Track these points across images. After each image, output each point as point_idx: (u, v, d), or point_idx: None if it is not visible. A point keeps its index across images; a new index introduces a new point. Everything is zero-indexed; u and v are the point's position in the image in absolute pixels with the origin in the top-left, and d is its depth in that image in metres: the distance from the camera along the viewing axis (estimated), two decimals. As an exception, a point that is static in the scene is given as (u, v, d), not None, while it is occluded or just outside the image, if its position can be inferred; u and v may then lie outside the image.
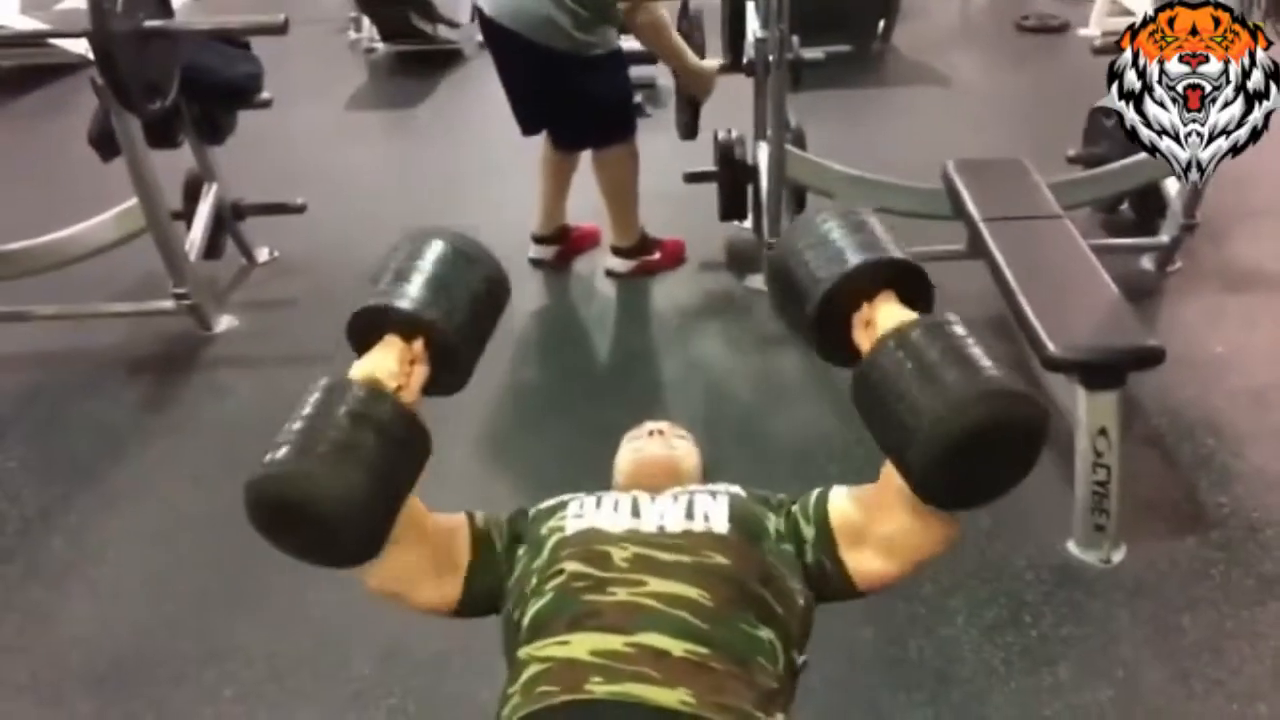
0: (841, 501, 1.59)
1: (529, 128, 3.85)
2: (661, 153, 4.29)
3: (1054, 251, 2.93)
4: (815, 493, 1.64)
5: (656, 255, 4.08)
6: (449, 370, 1.56)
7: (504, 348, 3.51)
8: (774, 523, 1.62)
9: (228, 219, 4.04)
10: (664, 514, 1.58)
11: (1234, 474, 2.82)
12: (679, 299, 3.90)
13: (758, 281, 3.85)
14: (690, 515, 1.58)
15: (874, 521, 1.54)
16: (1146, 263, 3.85)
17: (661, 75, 5.89)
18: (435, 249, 1.57)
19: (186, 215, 3.89)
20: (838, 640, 2.31)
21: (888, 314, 1.49)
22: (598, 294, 4.00)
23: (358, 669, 2.38)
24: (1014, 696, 2.22)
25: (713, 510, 1.59)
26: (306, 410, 1.39)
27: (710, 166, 4.08)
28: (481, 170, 5.20)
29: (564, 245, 4.15)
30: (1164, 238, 3.73)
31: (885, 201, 3.69)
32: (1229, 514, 2.68)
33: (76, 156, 3.93)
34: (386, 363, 1.49)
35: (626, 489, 1.78)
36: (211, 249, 3.98)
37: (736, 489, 1.69)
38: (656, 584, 1.44)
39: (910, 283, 1.52)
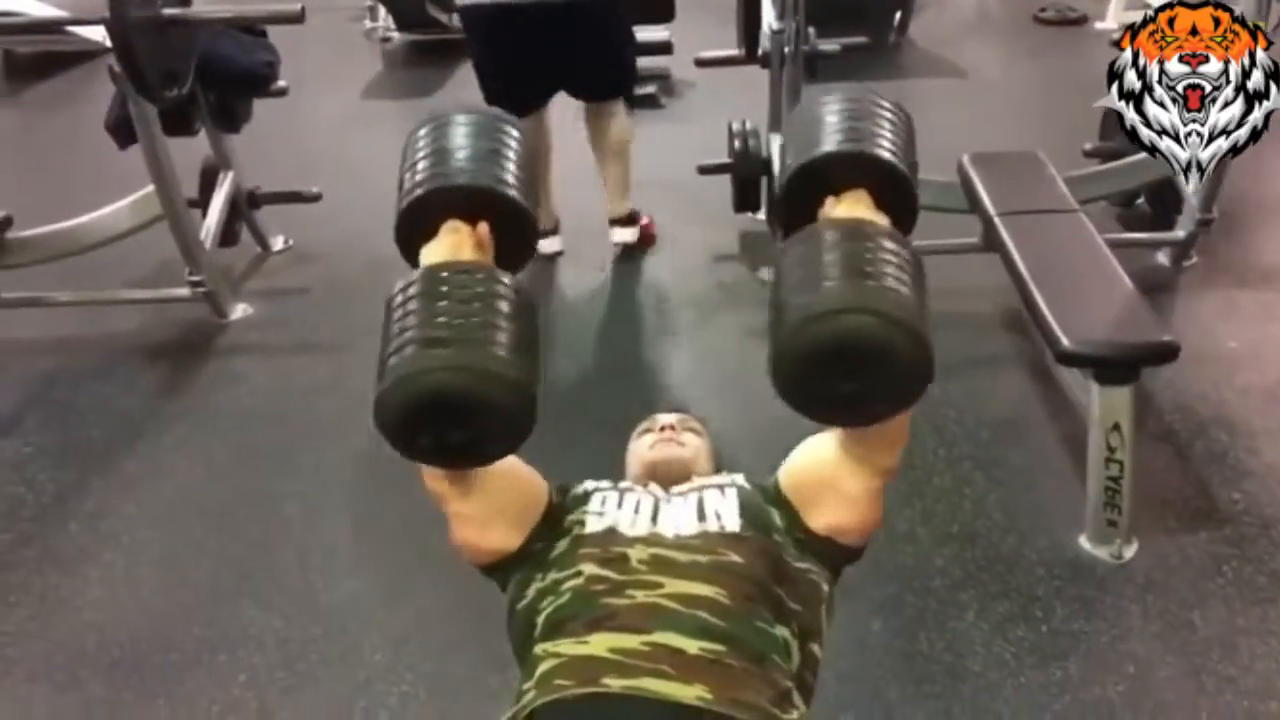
0: (786, 471, 1.62)
1: (531, 101, 3.81)
2: (675, 144, 4.31)
3: (1069, 245, 2.92)
4: (771, 478, 1.65)
5: (646, 219, 4.13)
6: (514, 239, 1.47)
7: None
8: (775, 513, 1.63)
9: (243, 207, 4.05)
10: (679, 519, 1.58)
11: (1247, 470, 2.81)
12: (693, 290, 3.89)
13: (771, 274, 3.84)
14: (703, 516, 1.59)
15: (821, 474, 1.56)
16: (1162, 258, 3.83)
17: (676, 66, 5.90)
18: (457, 123, 1.48)
19: (202, 203, 3.90)
20: (847, 633, 2.31)
21: (843, 209, 1.40)
22: (609, 285, 4.00)
23: (369, 655, 2.39)
24: (1024, 691, 2.22)
25: (723, 508, 1.60)
26: (405, 308, 1.30)
27: (725, 158, 4.07)
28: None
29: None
30: (1179, 233, 3.71)
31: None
32: (1241, 510, 2.67)
33: (94, 143, 3.95)
34: (461, 251, 1.41)
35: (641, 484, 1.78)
36: (227, 237, 3.99)
37: (740, 479, 1.70)
38: (673, 585, 1.44)
39: (891, 188, 1.41)
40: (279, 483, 2.97)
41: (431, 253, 1.41)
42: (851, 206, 1.40)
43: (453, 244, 1.41)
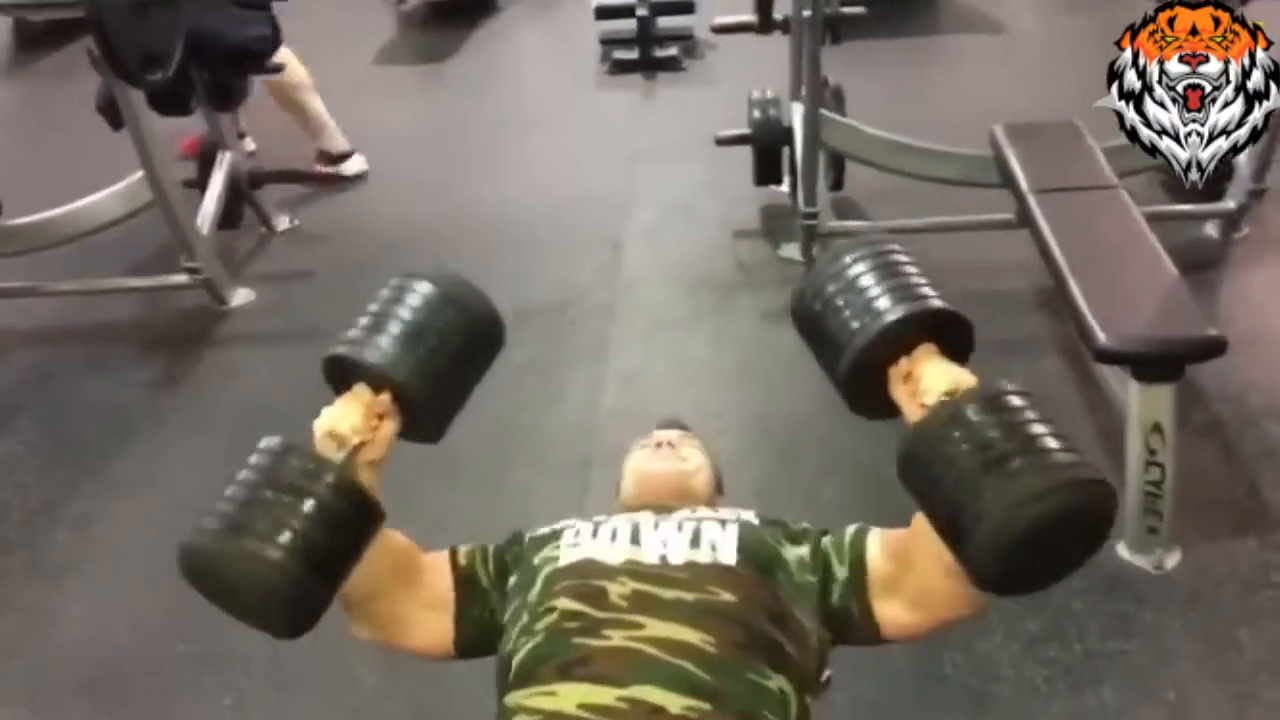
0: (877, 546, 1.48)
1: None
2: (694, 112, 4.12)
3: (1107, 227, 2.72)
4: (850, 531, 1.52)
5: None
6: (418, 418, 1.47)
7: (523, 319, 3.36)
8: (793, 552, 1.50)
9: (244, 187, 3.91)
10: (666, 542, 1.45)
11: (1301, 468, 2.62)
12: (710, 269, 3.72)
13: (793, 250, 3.67)
14: (696, 544, 1.45)
15: (907, 574, 1.43)
16: (1210, 230, 3.60)
17: (699, 26, 5.69)
18: (420, 294, 1.46)
19: (201, 183, 3.77)
20: (867, 656, 2.11)
21: (932, 372, 1.36)
22: (622, 263, 3.82)
23: (361, 678, 2.27)
24: (1056, 720, 2.07)
25: (720, 540, 1.46)
26: (249, 475, 1.32)
27: (744, 128, 3.87)
28: (517, 126, 5.04)
29: None
30: (1230, 203, 3.48)
31: (928, 169, 3.50)
32: (1294, 513, 2.49)
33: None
34: (350, 416, 1.41)
35: (631, 506, 1.65)
36: (229, 218, 3.87)
37: (749, 516, 1.56)
38: (656, 627, 1.32)
39: (950, 330, 1.40)
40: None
41: (326, 413, 1.42)
42: (935, 364, 1.38)
43: (344, 407, 1.42)
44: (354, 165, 4.50)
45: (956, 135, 3.59)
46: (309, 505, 1.28)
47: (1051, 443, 1.23)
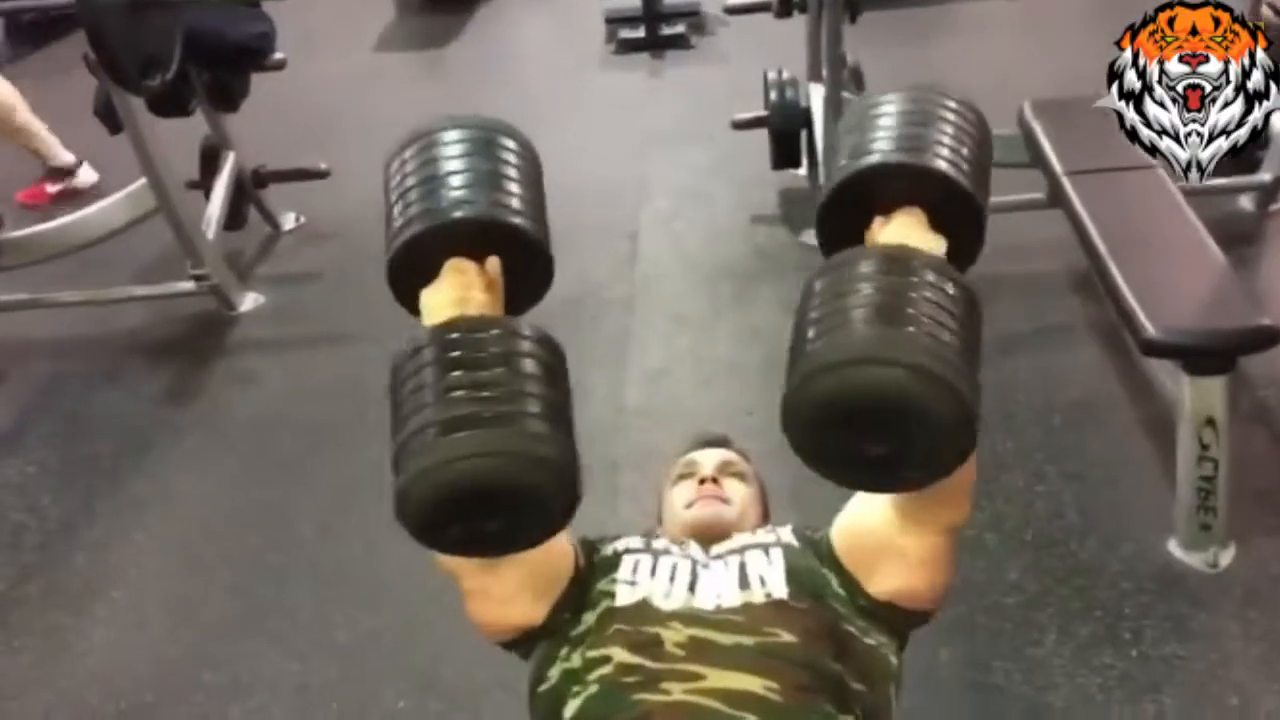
0: (839, 533, 1.44)
1: None
2: (705, 92, 4.02)
3: (1147, 209, 2.63)
4: (821, 534, 1.46)
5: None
6: (527, 272, 1.28)
7: (539, 315, 3.27)
8: (825, 575, 1.42)
9: (249, 188, 3.82)
10: (720, 587, 1.38)
11: (1354, 453, 2.53)
12: (729, 257, 3.62)
13: (813, 237, 3.55)
14: (745, 583, 1.38)
15: (876, 535, 1.37)
16: (1245, 203, 3.50)
17: (706, 1, 5.56)
18: (448, 139, 1.27)
19: (204, 185, 3.68)
20: (912, 663, 2.03)
21: (890, 233, 1.20)
22: (638, 254, 3.72)
23: (390, 702, 2.20)
24: (1114, 731, 2.00)
25: (768, 573, 1.40)
26: (418, 380, 1.11)
27: (761, 111, 3.76)
28: (523, 111, 4.87)
29: None
30: (1265, 175, 3.37)
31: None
32: (1351, 502, 2.40)
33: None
34: (471, 293, 1.20)
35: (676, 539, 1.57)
36: (233, 219, 3.78)
37: (788, 535, 1.50)
38: (716, 677, 1.25)
39: (951, 208, 1.22)
40: (293, 498, 2.78)
41: (434, 301, 1.21)
42: (901, 229, 1.20)
43: (458, 288, 1.20)
44: (86, 176, 4.43)
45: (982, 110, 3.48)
46: (535, 371, 1.12)
47: (920, 324, 1.07)
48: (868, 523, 1.38)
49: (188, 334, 3.52)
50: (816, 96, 3.51)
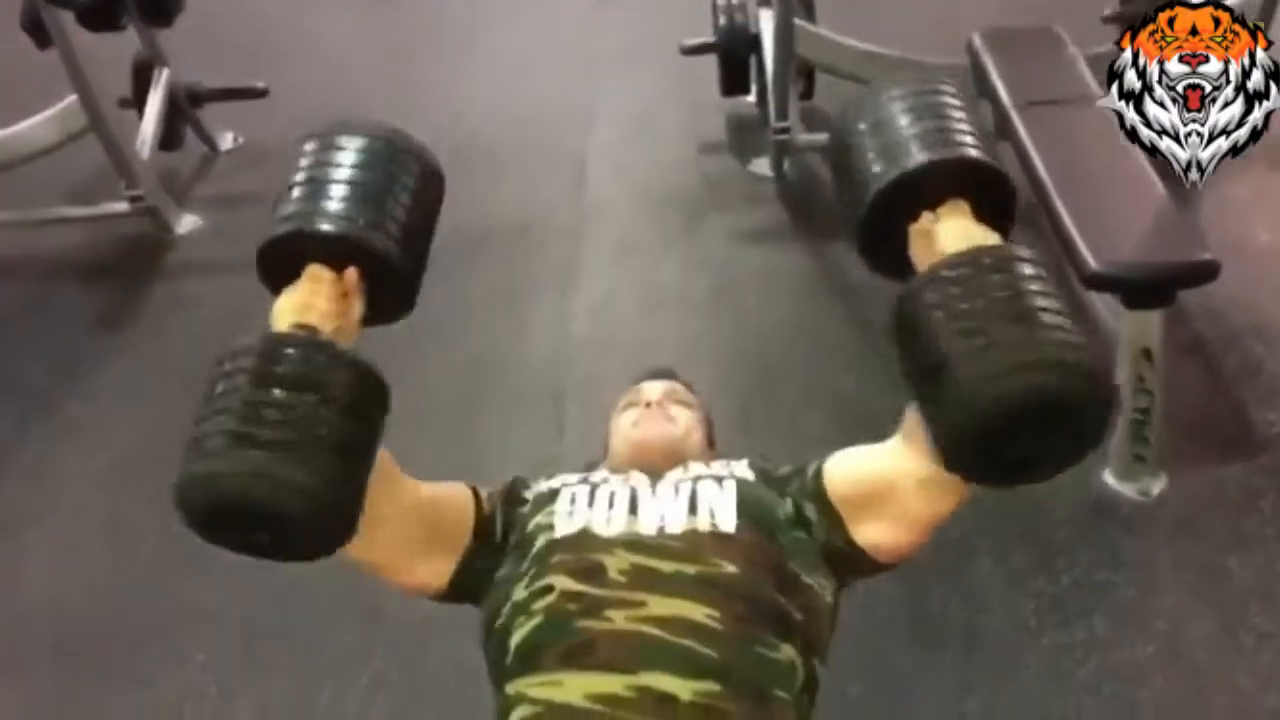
0: (839, 471, 1.41)
1: None
2: (658, 16, 3.96)
3: (1093, 143, 2.61)
4: (811, 467, 1.44)
5: None
6: (391, 294, 1.31)
7: (485, 243, 3.24)
8: (782, 510, 1.43)
9: (184, 106, 3.71)
10: (664, 512, 1.38)
11: (1284, 386, 2.59)
12: (677, 186, 3.59)
13: (763, 166, 3.55)
14: (694, 510, 1.38)
15: (884, 486, 1.35)
16: (1189, 137, 3.52)
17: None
18: (349, 147, 1.29)
19: (138, 103, 3.57)
20: (855, 597, 2.08)
21: (953, 231, 1.23)
22: (585, 181, 3.67)
23: (337, 633, 2.21)
24: (1046, 655, 2.05)
25: (718, 503, 1.39)
26: (231, 382, 1.14)
27: (710, 36, 3.71)
28: (464, 29, 4.82)
29: None
30: (1208, 111, 3.39)
31: (903, 79, 3.37)
32: (1279, 434, 2.46)
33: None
34: (316, 301, 1.24)
35: (622, 468, 1.57)
36: (169, 139, 3.68)
37: (743, 470, 1.49)
38: (658, 604, 1.26)
39: (990, 191, 1.26)
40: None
41: (284, 303, 1.25)
42: (960, 224, 1.25)
43: (308, 294, 1.25)
44: None
45: (928, 42, 3.46)
46: (320, 397, 1.13)
47: (1051, 319, 1.10)
48: (876, 473, 1.36)
49: (122, 257, 3.44)
50: (766, 22, 3.46)
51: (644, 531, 1.35)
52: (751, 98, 3.80)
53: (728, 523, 1.36)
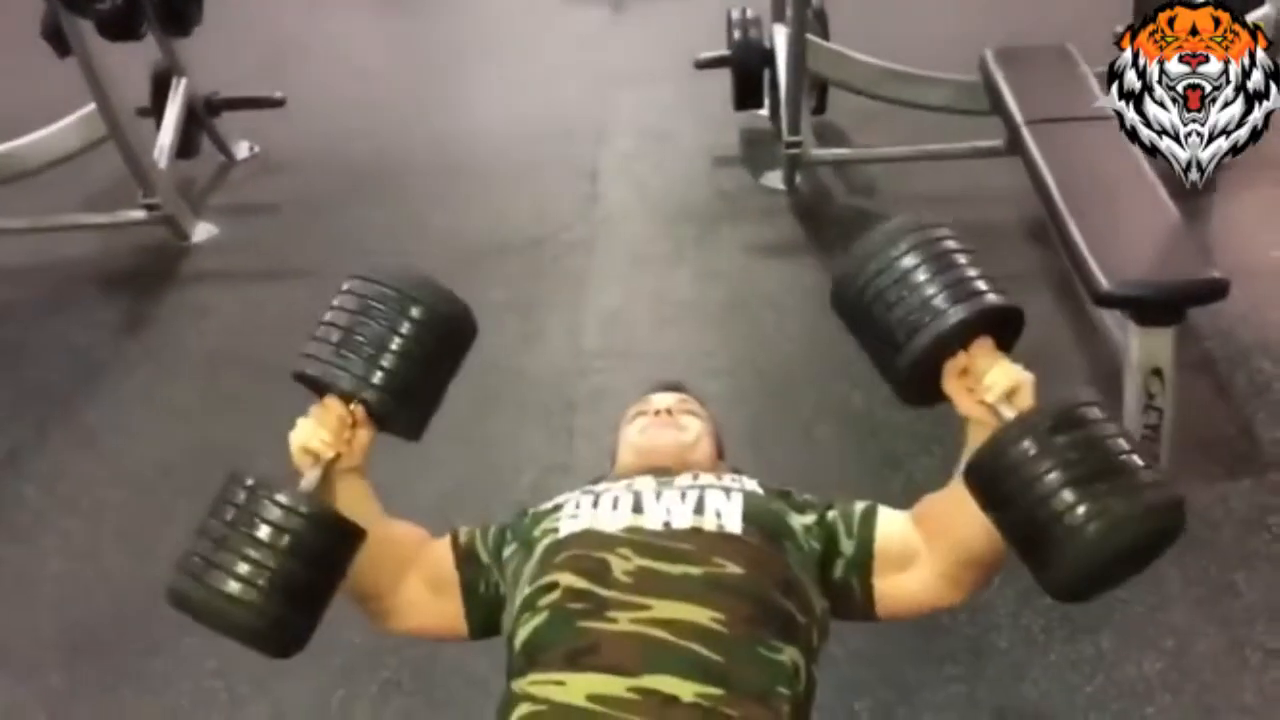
0: (888, 526, 1.45)
1: None
2: (667, 29, 4.00)
3: (1104, 160, 2.64)
4: (860, 507, 1.48)
5: None
6: (397, 429, 1.48)
7: (499, 256, 3.27)
8: (798, 520, 1.45)
9: (201, 115, 3.75)
10: (670, 509, 1.41)
11: (1293, 404, 2.59)
12: (690, 199, 3.62)
13: (775, 179, 3.58)
14: (700, 511, 1.40)
15: (918, 556, 1.41)
16: (1199, 155, 3.54)
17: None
18: (381, 300, 1.42)
19: (155, 112, 3.61)
20: None
21: (992, 370, 1.33)
22: (598, 195, 3.70)
23: (348, 637, 2.21)
24: (1053, 670, 2.06)
25: (725, 508, 1.41)
26: (225, 510, 1.32)
27: (724, 50, 3.73)
28: (482, 46, 4.86)
29: None
30: (1219, 129, 3.41)
31: (915, 95, 3.41)
32: (1288, 453, 2.47)
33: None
34: (321, 432, 1.38)
35: (629, 475, 1.59)
36: (186, 147, 3.72)
37: (753, 485, 1.50)
38: (663, 607, 1.27)
39: (1010, 327, 1.39)
40: (251, 434, 2.71)
41: (299, 429, 1.41)
42: (995, 364, 1.34)
43: (316, 422, 1.40)
44: None
45: (941, 58, 3.49)
46: (284, 542, 1.28)
47: (1131, 461, 1.21)
48: (942, 544, 1.41)
49: (139, 264, 3.47)
50: (780, 37, 3.50)
51: (649, 526, 1.38)
52: (765, 112, 3.83)
53: (734, 525, 1.38)
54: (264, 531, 1.29)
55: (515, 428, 2.71)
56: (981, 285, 1.35)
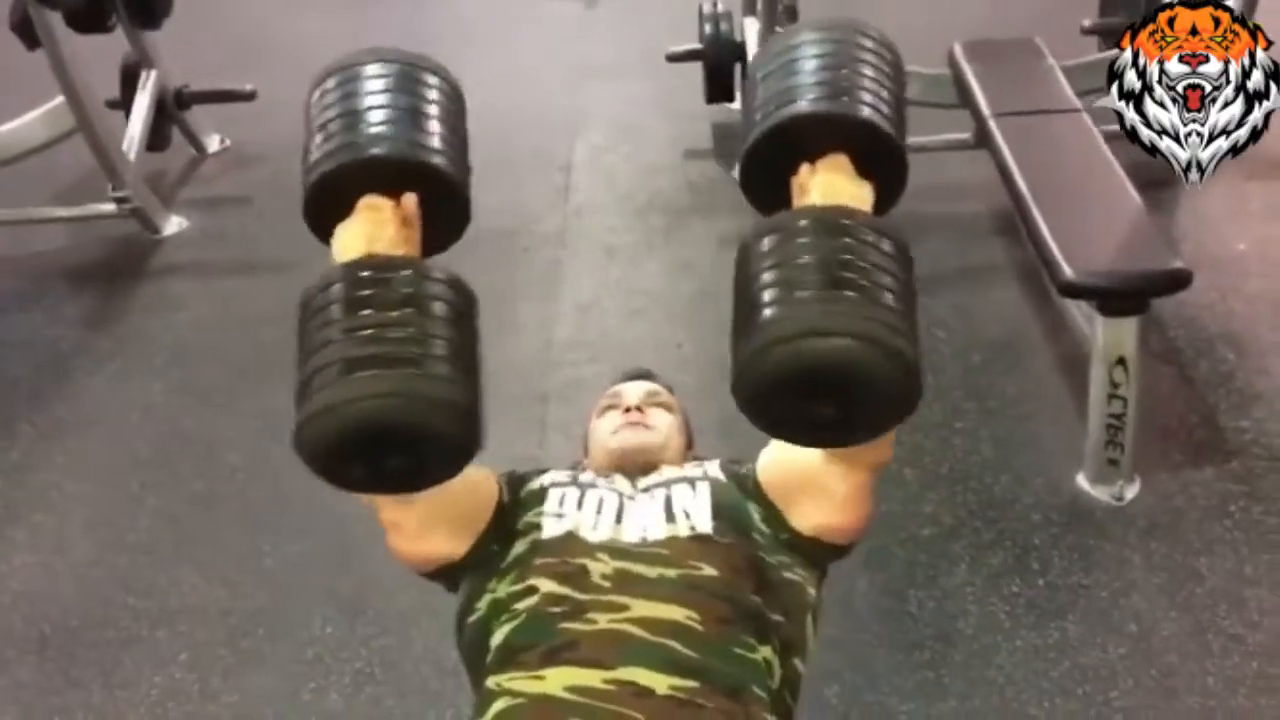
0: (765, 466, 1.44)
1: None
2: (640, 23, 4.00)
3: (1070, 152, 2.69)
4: (747, 467, 1.48)
5: None
6: (444, 211, 1.26)
7: (471, 247, 3.26)
8: (754, 507, 1.45)
9: (171, 108, 3.73)
10: (646, 524, 1.40)
11: (1256, 393, 2.63)
12: (661, 192, 3.62)
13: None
14: (671, 516, 1.41)
15: (796, 472, 1.39)
16: (1166, 147, 3.58)
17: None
18: (369, 73, 1.24)
19: (125, 104, 3.58)
20: (831, 592, 2.09)
21: (824, 185, 1.18)
22: (569, 186, 3.70)
23: (319, 628, 2.23)
24: (1019, 655, 2.09)
25: (693, 506, 1.42)
26: (326, 315, 1.10)
27: (695, 44, 3.74)
28: (454, 39, 4.82)
29: None
30: (1184, 121, 3.45)
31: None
32: (1250, 440, 2.50)
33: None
34: (382, 231, 1.19)
35: (601, 471, 1.59)
36: (156, 141, 3.69)
37: (714, 470, 1.52)
38: (640, 607, 1.29)
39: (876, 153, 1.20)
40: (220, 427, 2.76)
41: (346, 238, 1.19)
42: (830, 179, 1.18)
43: (372, 225, 1.19)
44: None
45: (911, 51, 3.49)
46: (442, 313, 1.11)
47: (858, 289, 1.08)
48: (793, 459, 1.39)
49: (109, 257, 3.45)
50: (751, 30, 3.52)
51: (626, 539, 1.38)
52: (736, 105, 3.84)
53: (704, 525, 1.39)
54: (412, 305, 1.09)
55: (488, 418, 2.70)
56: (862, 95, 1.17)
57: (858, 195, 1.18)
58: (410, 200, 1.21)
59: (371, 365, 1.07)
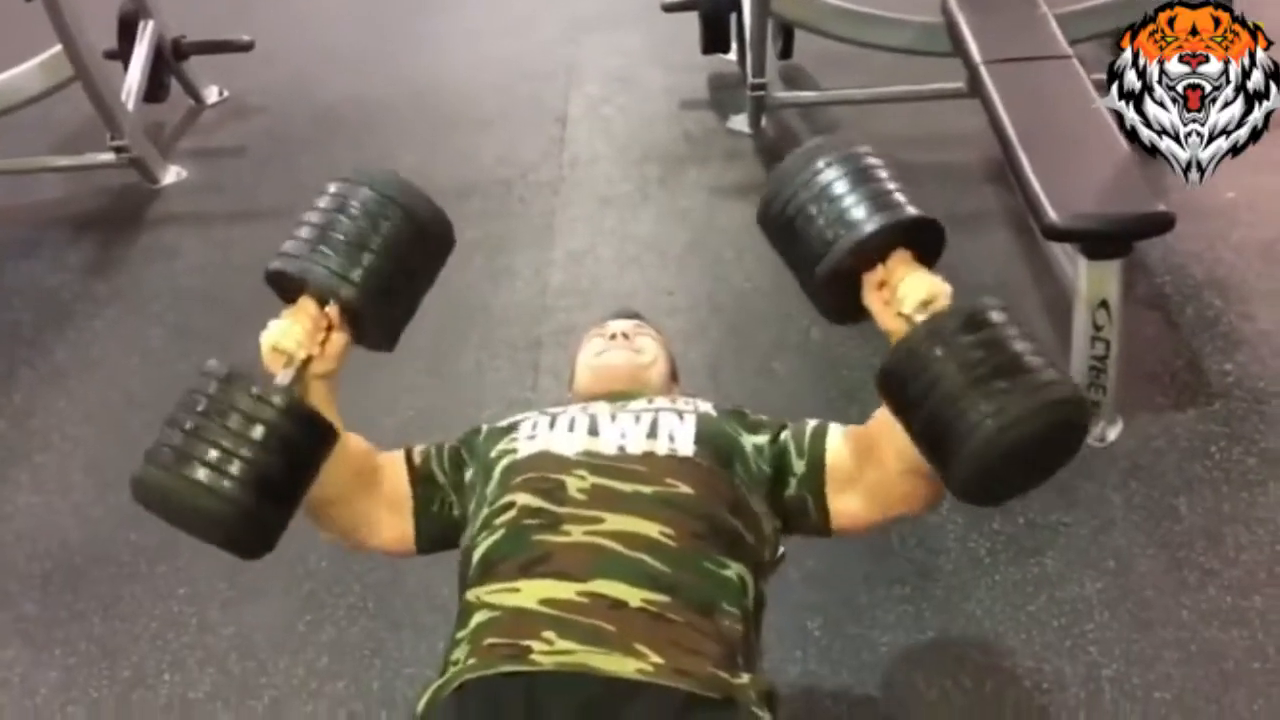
0: (838, 442, 1.50)
1: None
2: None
3: (1059, 99, 2.69)
4: (811, 425, 1.53)
5: None
6: (371, 334, 1.47)
7: (467, 196, 3.30)
8: (750, 440, 1.51)
9: (169, 58, 3.73)
10: (624, 433, 1.46)
11: (1240, 338, 2.65)
12: (656, 142, 3.63)
13: (741, 122, 3.60)
14: (653, 434, 1.45)
15: (866, 469, 1.46)
16: (1158, 96, 3.58)
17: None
18: (361, 200, 1.41)
19: (123, 55, 3.59)
20: None
21: (908, 281, 1.36)
22: (563, 136, 3.71)
23: (314, 563, 2.28)
24: (998, 590, 2.13)
25: (678, 431, 1.47)
26: (194, 400, 1.30)
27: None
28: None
29: None
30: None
31: (879, 37, 3.43)
32: (1233, 384, 2.53)
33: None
34: (295, 331, 1.37)
35: (585, 398, 1.65)
36: (154, 91, 3.69)
37: (706, 407, 1.56)
38: (614, 521, 1.33)
39: (923, 235, 1.40)
40: (218, 370, 2.79)
41: (271, 329, 1.39)
42: (913, 273, 1.38)
43: (290, 320, 1.39)
44: None
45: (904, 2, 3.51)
46: (258, 433, 1.27)
47: (1033, 361, 1.25)
48: (885, 453, 1.43)
49: (108, 206, 3.48)
50: (746, -20, 3.50)
51: (604, 450, 1.42)
52: (732, 56, 3.83)
53: (686, 447, 1.43)
54: (237, 422, 1.26)
55: (482, 362, 2.75)
56: (900, 198, 1.38)
57: (932, 281, 1.36)
58: (331, 311, 1.39)
59: (180, 462, 1.27)
